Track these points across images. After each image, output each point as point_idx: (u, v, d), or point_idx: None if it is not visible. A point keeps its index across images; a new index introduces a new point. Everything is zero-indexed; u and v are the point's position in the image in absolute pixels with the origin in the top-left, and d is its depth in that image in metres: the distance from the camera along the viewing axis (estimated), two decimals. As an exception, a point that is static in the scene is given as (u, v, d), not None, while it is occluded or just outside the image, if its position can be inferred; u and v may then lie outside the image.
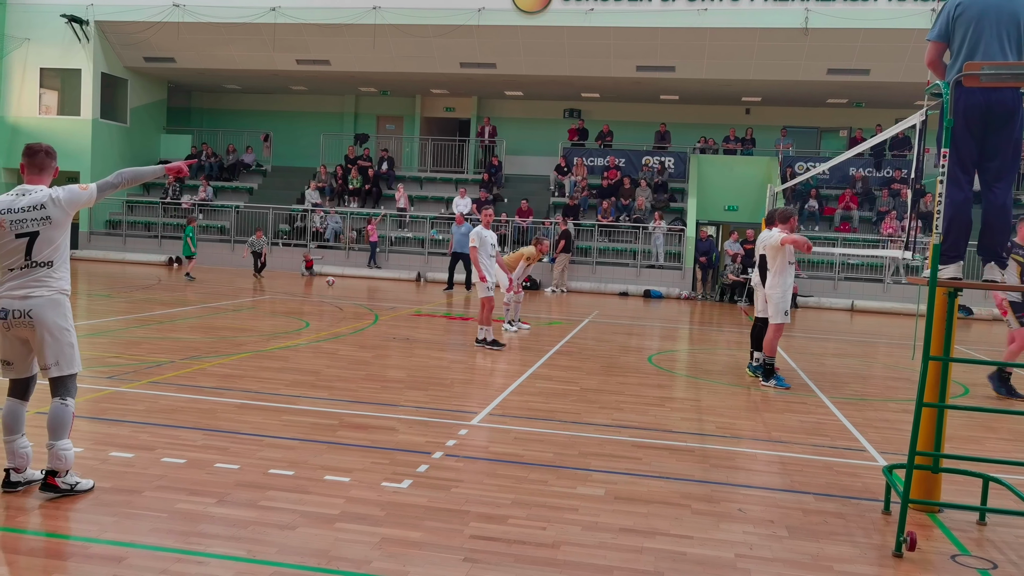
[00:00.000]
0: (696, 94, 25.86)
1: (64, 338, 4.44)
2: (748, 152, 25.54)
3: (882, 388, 9.81)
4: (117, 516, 4.22)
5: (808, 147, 26.92)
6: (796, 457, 6.17)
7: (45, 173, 4.59)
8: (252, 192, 27.07)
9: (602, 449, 6.08)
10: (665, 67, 23.32)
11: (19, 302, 4.36)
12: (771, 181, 22.03)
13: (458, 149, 27.97)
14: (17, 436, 4.49)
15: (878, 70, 22.09)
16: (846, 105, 26.37)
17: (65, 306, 4.48)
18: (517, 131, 28.18)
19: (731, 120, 26.81)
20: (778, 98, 25.86)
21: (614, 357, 10.78)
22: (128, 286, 16.99)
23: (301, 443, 5.76)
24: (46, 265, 4.42)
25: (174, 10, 23.99)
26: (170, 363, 8.46)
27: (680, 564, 4.03)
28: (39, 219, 4.39)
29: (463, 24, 22.83)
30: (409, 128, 29.57)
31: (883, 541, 4.49)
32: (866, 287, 21.66)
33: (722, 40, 22.06)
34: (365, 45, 23.83)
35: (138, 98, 27.37)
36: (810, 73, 22.77)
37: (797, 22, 21.34)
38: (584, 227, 23.46)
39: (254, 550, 3.91)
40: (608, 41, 22.66)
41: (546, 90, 26.64)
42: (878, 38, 21.04)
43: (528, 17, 22.71)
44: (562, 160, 25.82)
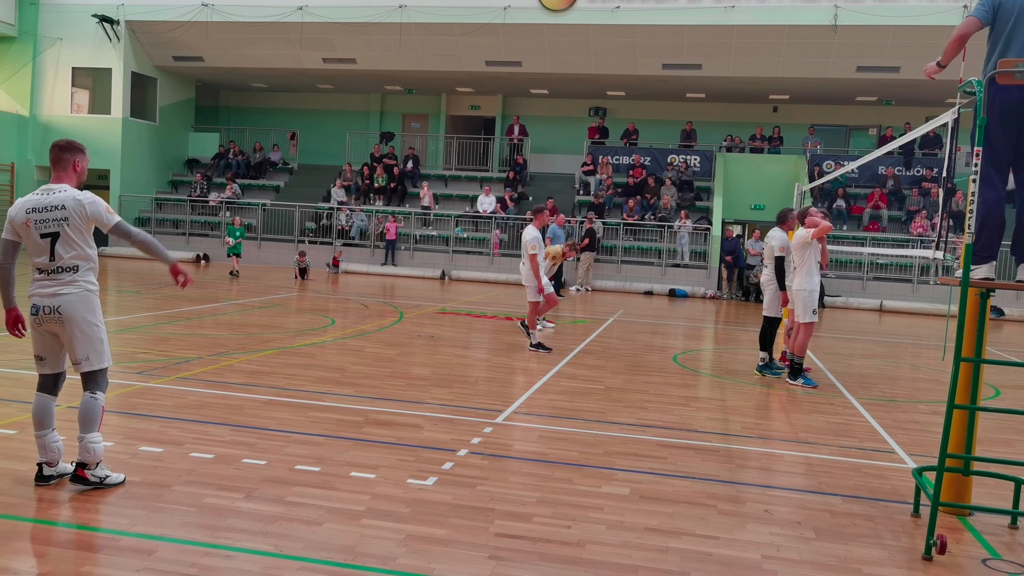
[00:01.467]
0: (723, 92, 25.69)
1: (94, 333, 4.48)
2: (775, 150, 25.32)
3: (911, 389, 9.69)
4: (147, 510, 4.27)
5: (836, 145, 26.64)
6: (823, 458, 6.11)
7: (64, 169, 4.58)
8: (279, 190, 27.28)
9: (627, 448, 6.06)
10: (691, 65, 23.18)
11: (48, 299, 4.41)
12: (799, 180, 21.83)
13: (483, 147, 27.99)
14: (48, 431, 4.53)
15: (908, 67, 21.80)
16: (875, 103, 26.07)
17: (94, 302, 4.51)
18: (542, 129, 28.15)
19: (758, 118, 26.60)
20: (806, 96, 25.62)
21: (639, 356, 10.74)
22: (156, 283, 17.19)
23: (327, 439, 5.79)
24: (71, 269, 4.45)
25: (203, 9, 24.23)
26: (198, 359, 8.55)
27: (706, 564, 4.01)
28: (59, 219, 4.41)
29: (489, 22, 22.85)
30: (434, 126, 29.65)
31: (912, 544, 4.44)
32: (895, 287, 21.41)
33: (749, 38, 21.89)
34: (391, 44, 23.93)
35: (167, 97, 27.68)
36: (839, 71, 22.53)
37: (826, 19, 21.13)
38: (609, 225, 23.39)
39: (281, 545, 3.94)
40: (634, 39, 22.57)
41: (571, 88, 26.59)
42: (908, 35, 20.78)
43: (554, 15, 22.67)
44: (588, 158, 25.76)
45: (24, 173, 25.69)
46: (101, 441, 4.50)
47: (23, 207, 4.45)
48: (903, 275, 21.72)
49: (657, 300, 20.45)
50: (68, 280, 4.43)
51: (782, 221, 9.69)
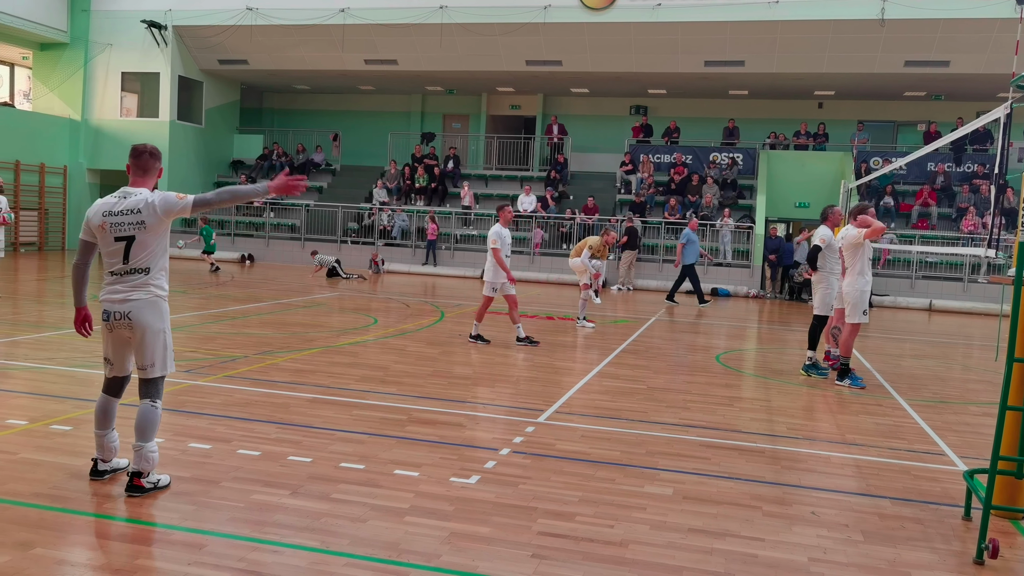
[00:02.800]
0: (766, 88, 25.36)
1: (161, 340, 4.51)
2: (820, 147, 24.91)
3: (962, 390, 9.47)
4: (197, 505, 4.36)
5: (884, 142, 26.13)
6: (872, 460, 6.01)
7: (149, 175, 4.60)
8: (321, 191, 27.60)
9: (670, 448, 6.02)
10: (734, 61, 22.92)
11: (119, 305, 4.43)
12: (844, 177, 21.45)
13: (523, 147, 28.01)
14: (108, 430, 4.64)
15: (959, 62, 21.31)
16: (924, 98, 25.52)
17: (162, 308, 4.53)
18: (583, 128, 28.07)
19: (803, 115, 26.20)
20: (852, 91, 25.17)
21: (681, 356, 10.66)
22: (203, 282, 17.51)
23: (371, 437, 5.85)
24: (143, 272, 4.45)
25: (247, 13, 24.61)
26: (244, 358, 8.70)
27: (751, 567, 3.97)
28: (135, 223, 4.41)
29: (529, 22, 22.85)
30: (475, 126, 29.74)
31: (963, 548, 4.34)
32: (945, 286, 20.93)
33: (794, 33, 21.57)
34: (432, 44, 24.06)
35: (212, 99, 28.16)
36: (886, 65, 22.09)
37: (873, 13, 20.73)
38: (651, 224, 23.24)
39: (327, 541, 3.99)
40: (675, 36, 22.39)
41: (612, 87, 26.47)
42: (959, 28, 20.30)
43: (594, 14, 22.59)
44: (627, 157, 25.63)
45: (76, 176, 26.37)
46: (157, 450, 4.56)
47: (100, 210, 4.44)
48: (953, 274, 21.22)
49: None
50: (139, 283, 4.44)
51: (824, 218, 9.62)
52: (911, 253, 20.80)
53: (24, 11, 24.22)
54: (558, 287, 21.34)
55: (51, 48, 26.22)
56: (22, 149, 24.30)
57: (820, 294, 9.48)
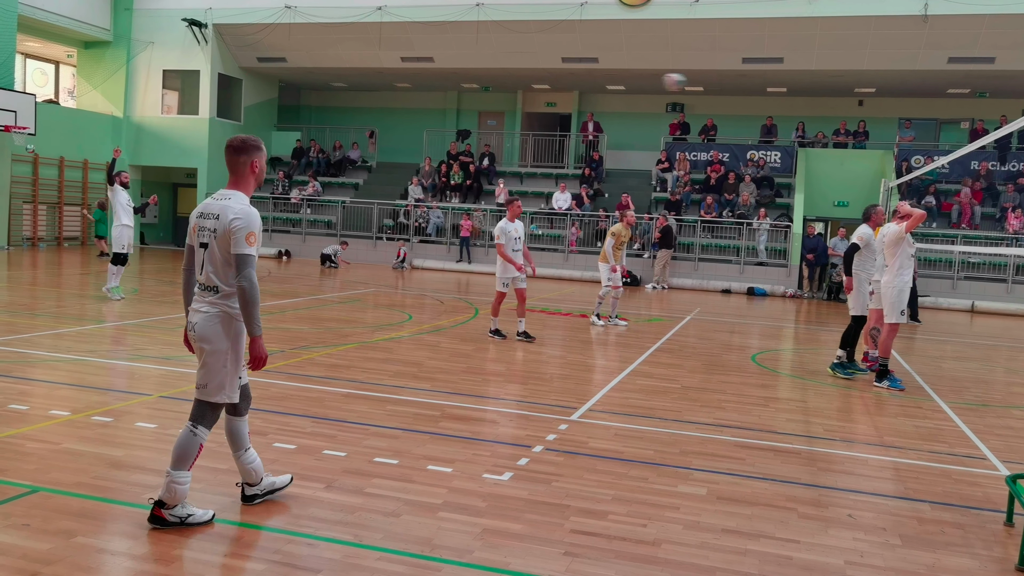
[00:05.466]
0: (805, 86, 25.02)
1: (217, 362, 4.02)
2: (860, 145, 24.52)
3: (1005, 393, 9.27)
4: (233, 497, 4.42)
5: (926, 140, 25.65)
6: (911, 463, 5.91)
7: (237, 175, 4.15)
8: (357, 188, 27.80)
9: (704, 448, 5.98)
10: (773, 59, 22.64)
11: (193, 315, 4.08)
12: (885, 175, 21.10)
13: (559, 144, 27.96)
14: (240, 452, 4.31)
15: (1004, 57, 20.83)
16: (968, 95, 24.98)
17: (231, 328, 4.03)
18: (619, 125, 27.93)
19: (842, 112, 25.81)
20: (894, 89, 24.73)
21: (716, 355, 10.57)
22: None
23: (404, 433, 5.89)
24: (212, 290, 4.03)
25: (286, 11, 24.86)
26: (280, 352, 8.79)
27: (786, 569, 3.93)
28: (211, 230, 4.01)
29: (565, 19, 22.78)
30: (510, 123, 29.74)
31: (1005, 554, 4.25)
32: (988, 287, 20.49)
33: (834, 29, 21.25)
34: (468, 42, 24.10)
35: (251, 97, 28.50)
36: (929, 62, 21.66)
37: (916, 9, 20.35)
38: (686, 223, 23.07)
39: (360, 535, 4.03)
40: (713, 33, 22.17)
41: (648, 84, 26.27)
42: (1004, 24, 19.84)
43: (631, 11, 22.45)
44: (663, 155, 25.46)
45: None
46: (188, 483, 4.02)
47: (196, 211, 4.14)
48: (997, 274, 20.78)
49: (735, 298, 20.08)
50: (210, 300, 4.03)
51: (867, 218, 9.53)
52: (953, 253, 20.40)
53: (68, 10, 24.71)
54: (592, 285, 21.27)
55: (95, 46, 26.72)
56: (66, 145, 24.79)
57: (853, 296, 9.39)
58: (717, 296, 20.40)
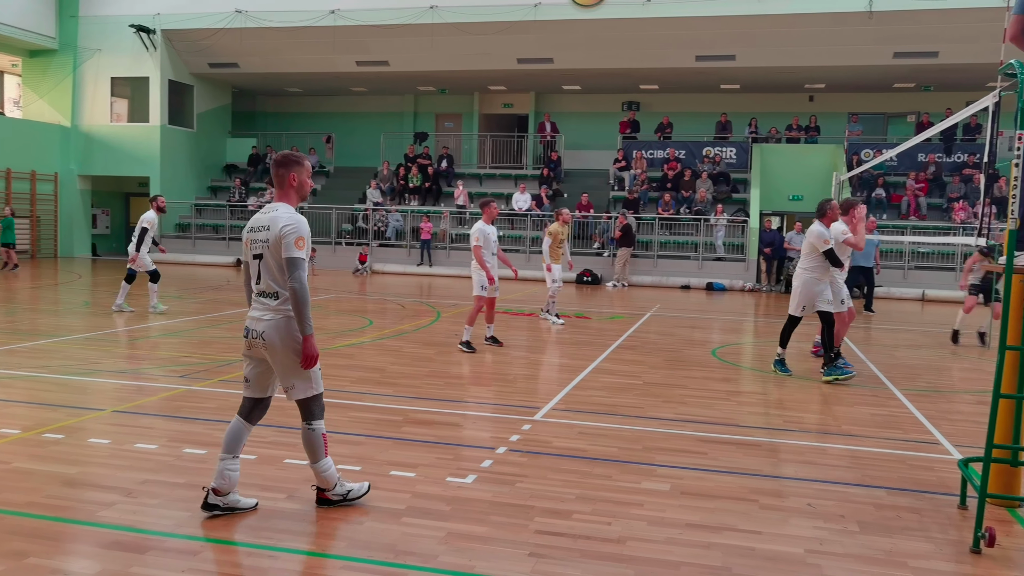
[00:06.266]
0: (757, 82, 25.40)
1: (293, 362, 4.23)
2: (812, 140, 24.95)
3: (956, 379, 9.49)
4: (192, 512, 4.35)
5: (874, 133, 26.19)
6: (868, 451, 6.02)
7: (283, 187, 4.34)
8: (315, 193, 27.55)
9: (667, 444, 6.03)
10: (725, 56, 22.95)
11: (254, 323, 4.24)
12: (837, 169, 21.49)
13: (517, 145, 28.01)
14: (230, 457, 4.30)
15: (947, 52, 21.36)
16: (914, 89, 25.57)
17: (294, 329, 4.22)
18: (575, 125, 28.08)
19: (794, 108, 26.25)
20: (843, 84, 25.22)
21: (677, 351, 10.67)
22: (198, 287, 17.47)
23: (367, 439, 5.84)
24: (271, 296, 4.22)
25: (237, 16, 24.56)
26: (240, 362, 8.66)
27: (749, 560, 3.97)
28: (263, 241, 4.21)
29: (520, 20, 22.83)
30: (468, 125, 29.72)
31: (960, 537, 4.35)
32: (937, 276, 20.98)
33: (784, 27, 21.60)
34: (423, 45, 24.03)
35: (204, 103, 28.11)
36: (876, 57, 22.13)
37: (861, 5, 20.77)
38: (645, 220, 23.26)
39: (323, 544, 3.99)
40: (666, 32, 22.39)
41: (604, 83, 26.48)
42: (946, 18, 20.35)
43: (584, 10, 22.58)
44: (619, 154, 25.64)
45: (67, 182, 26.30)
46: (332, 467, 4.41)
47: (248, 226, 4.32)
48: (945, 263, 21.27)
49: (695, 294, 20.30)
50: (272, 306, 4.22)
51: (822, 214, 9.12)
52: (903, 244, 20.84)
53: (12, 18, 24.15)
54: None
55: (40, 55, 26.15)
56: (13, 156, 24.23)
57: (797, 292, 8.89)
58: (677, 292, 20.59)
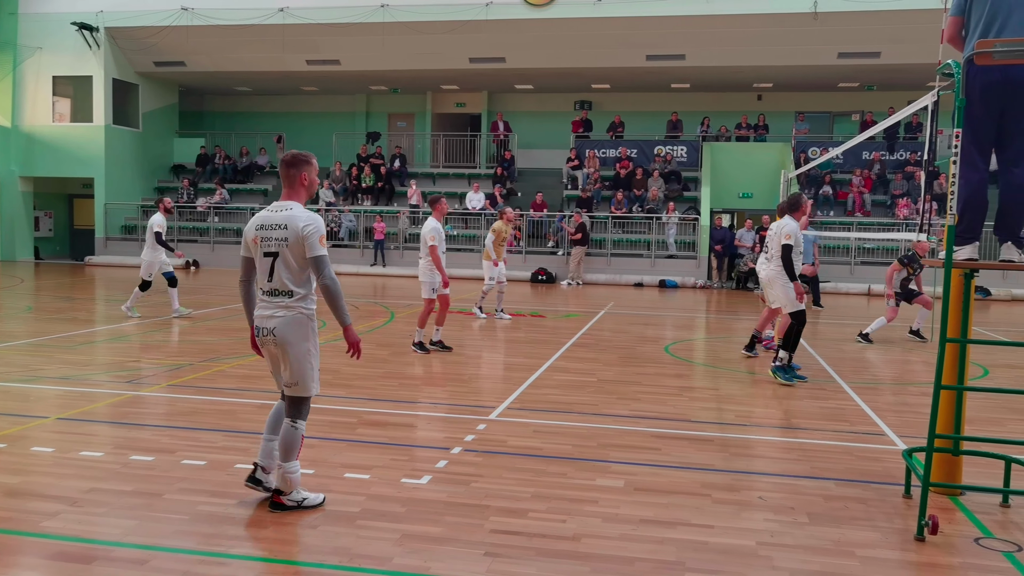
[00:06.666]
0: (707, 81, 25.72)
1: (304, 359, 4.38)
2: (761, 139, 25.38)
3: (901, 372, 9.74)
4: (139, 519, 4.26)
5: (821, 132, 26.73)
6: (816, 443, 6.14)
7: (293, 187, 4.45)
8: (267, 193, 27.18)
9: (621, 440, 6.07)
10: (675, 56, 23.19)
11: (266, 321, 4.38)
12: (785, 167, 21.87)
13: (470, 144, 27.97)
14: (276, 437, 4.52)
15: (889, 52, 21.88)
16: (858, 88, 26.15)
17: (308, 327, 4.39)
18: (528, 124, 28.14)
19: (743, 107, 26.65)
20: (789, 83, 25.67)
21: (631, 348, 10.76)
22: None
23: (321, 442, 5.79)
24: (286, 293, 4.34)
25: (182, 14, 24.10)
26: (189, 365, 8.52)
27: (702, 553, 4.02)
28: (280, 239, 4.30)
29: (471, 19, 22.79)
30: (420, 125, 29.60)
31: (905, 525, 4.46)
32: (882, 271, 21.42)
33: (732, 27, 21.91)
34: (374, 44, 23.85)
35: (150, 103, 27.52)
36: (821, 57, 22.57)
37: (806, 6, 21.17)
38: (598, 219, 23.41)
39: (275, 550, 3.93)
40: (617, 31, 22.55)
41: (556, 83, 26.57)
42: (888, 20, 20.83)
43: (536, 10, 22.64)
44: (572, 152, 25.77)
45: (8, 184, 25.53)
46: (299, 471, 4.46)
47: (254, 223, 4.39)
48: (890, 259, 21.76)
49: (648, 291, 20.49)
50: (284, 304, 4.35)
51: (795, 208, 8.69)
52: (849, 240, 21.30)
53: (-53, 15, 23.38)
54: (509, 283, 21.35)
55: (-23, 53, 25.37)
56: (-50, 158, 23.45)
57: (782, 291, 8.64)
58: (630, 290, 20.77)
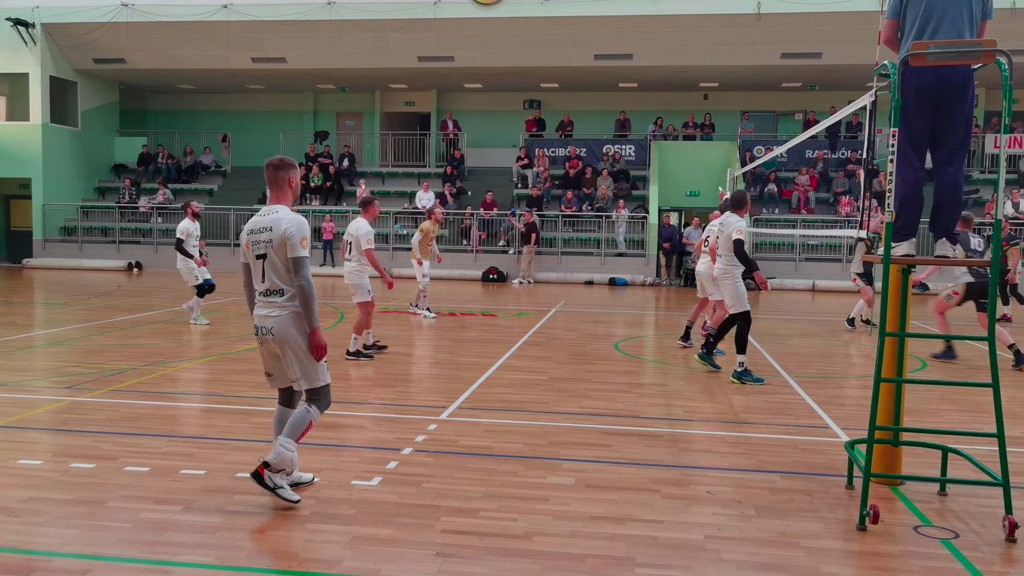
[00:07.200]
0: (654, 81, 26.00)
1: (302, 355, 4.49)
2: (708, 137, 25.75)
3: (844, 366, 9.97)
4: (80, 528, 4.15)
5: (766, 131, 27.22)
6: (763, 437, 6.25)
7: (279, 189, 4.58)
8: (212, 193, 26.71)
9: (572, 438, 6.11)
10: (623, 55, 23.40)
11: (263, 320, 4.50)
12: (731, 165, 22.23)
13: (419, 143, 27.84)
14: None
15: (830, 53, 22.37)
16: (801, 88, 26.69)
17: (302, 323, 4.48)
18: (478, 123, 28.11)
19: (690, 106, 27.00)
20: (735, 83, 26.09)
21: (582, 345, 10.82)
22: (86, 293, 16.68)
23: (270, 445, 5.67)
24: (278, 292, 4.46)
25: (123, 10, 23.52)
26: (132, 370, 8.33)
27: (652, 548, 4.07)
28: (267, 241, 4.44)
29: (420, 18, 22.69)
30: (369, 124, 29.36)
31: (848, 515, 4.57)
32: (826, 267, 21.97)
33: (678, 27, 22.19)
34: (321, 42, 23.59)
35: (89, 101, 26.82)
36: (764, 58, 22.99)
37: (750, 7, 21.53)
38: (548, 218, 23.50)
39: (222, 556, 3.86)
40: (565, 30, 22.66)
41: (505, 81, 26.59)
42: (829, 21, 21.30)
43: (484, 9, 22.62)
44: (522, 152, 25.82)
45: (-60, 185, 24.65)
46: (294, 451, 4.52)
47: (246, 229, 4.54)
48: (833, 255, 22.30)
49: (598, 289, 20.64)
50: (279, 303, 4.48)
51: (740, 205, 8.65)
52: (794, 237, 21.73)
53: None
54: (460, 283, 21.36)
55: (-95, 49, 24.41)
56: None
57: (731, 290, 8.53)
58: (581, 288, 20.90)
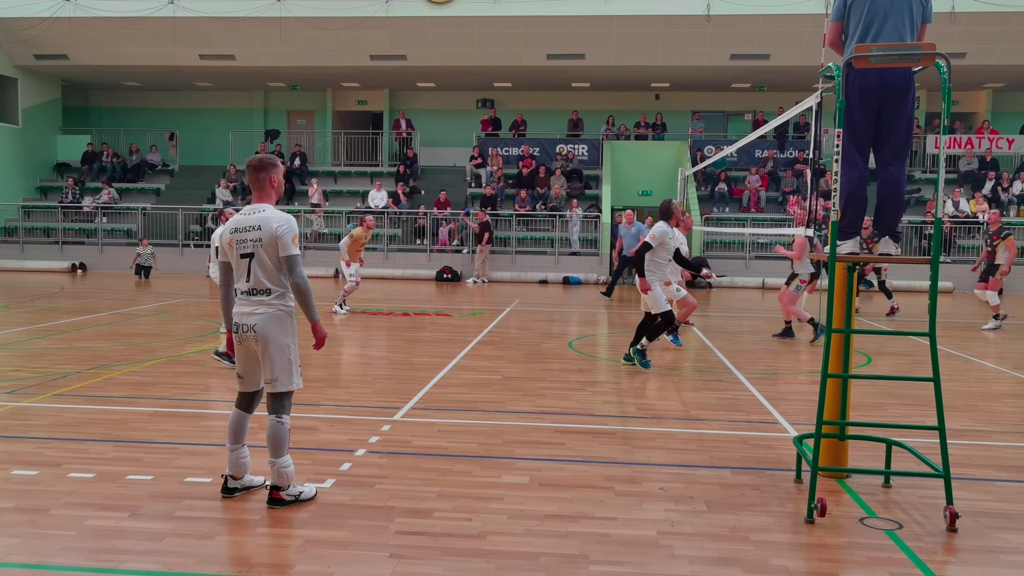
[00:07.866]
0: (607, 81, 26.20)
1: (284, 355, 4.50)
2: (659, 137, 26.02)
3: (793, 362, 10.16)
4: (23, 537, 4.03)
5: (715, 131, 27.61)
6: (714, 433, 6.34)
7: (262, 188, 4.59)
8: (159, 193, 26.19)
9: (526, 436, 6.12)
10: (575, 55, 23.54)
11: (245, 318, 4.48)
12: (682, 165, 22.49)
13: (372, 142, 27.65)
14: (240, 446, 4.64)
15: (778, 55, 22.79)
16: (750, 89, 27.14)
17: (287, 323, 4.52)
18: (431, 123, 28.04)
19: (641, 106, 27.27)
20: (685, 83, 26.41)
21: (536, 344, 10.86)
22: (28, 295, 16.23)
23: (219, 448, 5.60)
24: (264, 292, 4.46)
25: (65, 5, 22.94)
26: (76, 374, 8.13)
27: (605, 546, 4.09)
28: (254, 240, 4.43)
29: (371, 16, 22.53)
30: (321, 122, 29.08)
31: (796, 509, 4.66)
32: (776, 265, 22.32)
33: (629, 27, 22.39)
34: (271, 39, 23.28)
35: (30, 98, 26.12)
36: (714, 59, 23.33)
37: (699, 9, 21.82)
38: (502, 217, 23.52)
39: (170, 563, 3.79)
40: (517, 30, 22.71)
41: (458, 80, 26.55)
42: (777, 24, 21.70)
43: (436, 7, 22.56)
44: (476, 151, 25.80)
45: None
46: (291, 464, 4.56)
47: (228, 227, 4.51)
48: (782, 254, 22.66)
49: (552, 288, 20.72)
50: (265, 301, 4.48)
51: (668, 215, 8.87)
52: (744, 235, 22.08)
53: None
54: (414, 283, 21.26)
55: None
56: None
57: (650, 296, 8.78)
58: (535, 287, 20.96)
